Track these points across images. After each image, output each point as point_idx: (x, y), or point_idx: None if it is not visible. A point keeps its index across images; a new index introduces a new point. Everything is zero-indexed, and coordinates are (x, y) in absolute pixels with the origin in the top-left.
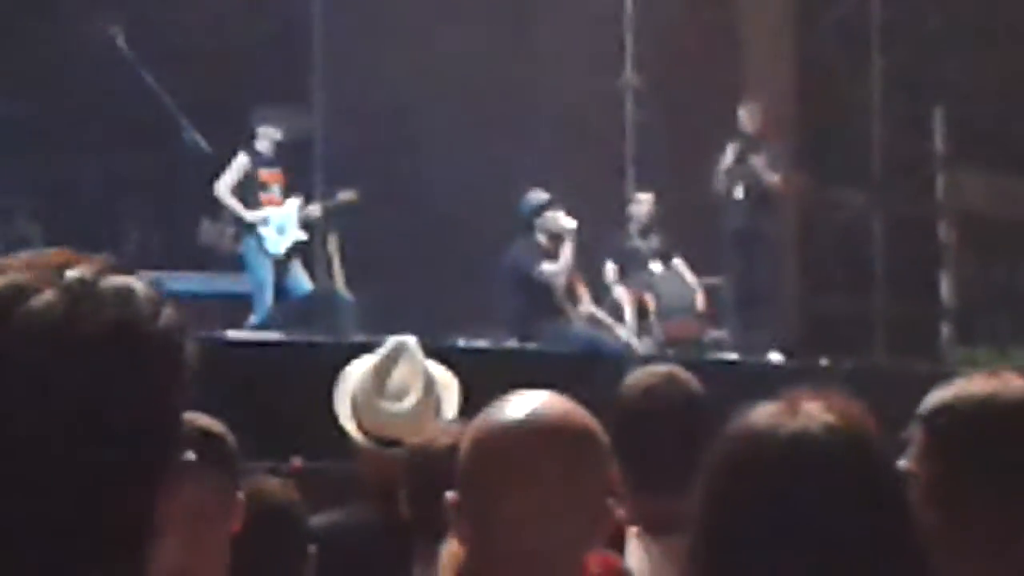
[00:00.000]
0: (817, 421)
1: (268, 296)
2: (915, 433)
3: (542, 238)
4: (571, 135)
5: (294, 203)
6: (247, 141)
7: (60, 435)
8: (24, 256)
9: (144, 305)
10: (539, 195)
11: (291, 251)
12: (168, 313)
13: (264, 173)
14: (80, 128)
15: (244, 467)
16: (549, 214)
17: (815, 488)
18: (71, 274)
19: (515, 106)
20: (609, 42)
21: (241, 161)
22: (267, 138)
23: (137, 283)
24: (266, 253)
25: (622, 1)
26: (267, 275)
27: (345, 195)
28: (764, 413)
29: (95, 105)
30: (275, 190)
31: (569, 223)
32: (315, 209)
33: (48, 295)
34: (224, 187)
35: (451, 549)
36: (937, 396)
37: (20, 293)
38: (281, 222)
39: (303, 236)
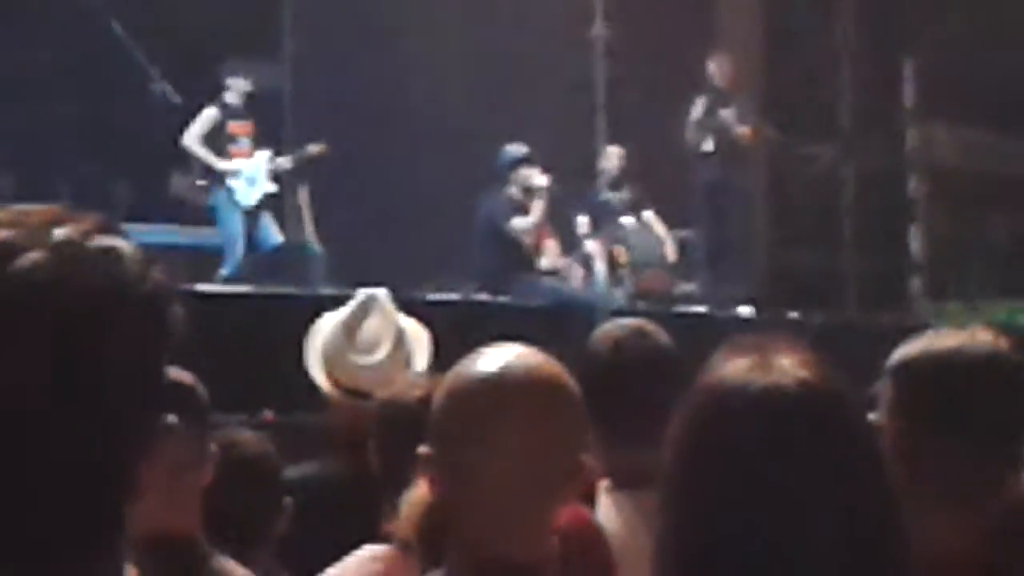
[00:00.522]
0: (789, 376)
1: (239, 248)
2: (883, 387)
3: (516, 192)
4: (542, 86)
5: (264, 155)
6: (216, 93)
7: (45, 396)
8: (14, 211)
9: (132, 266)
10: (517, 148)
11: (261, 203)
12: (155, 275)
13: (233, 125)
14: (50, 79)
15: (216, 420)
16: (523, 170)
17: (786, 443)
18: (59, 233)
19: (485, 57)
20: None
21: (210, 113)
22: (236, 90)
23: (125, 244)
24: (236, 205)
25: None
26: (237, 227)
27: (314, 148)
28: (735, 367)
29: (66, 56)
30: (244, 142)
31: (541, 180)
32: (285, 161)
33: (35, 255)
34: (192, 138)
35: (414, 497)
36: (905, 350)
37: (6, 252)
38: (251, 174)
39: (273, 188)
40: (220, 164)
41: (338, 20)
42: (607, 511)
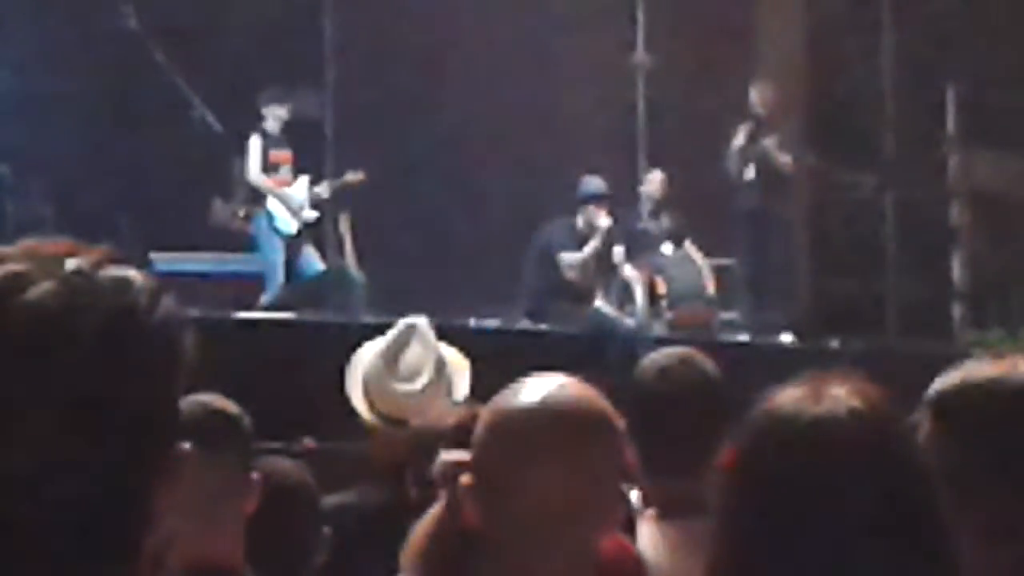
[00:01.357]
0: (842, 405)
1: (279, 276)
2: (922, 417)
3: (581, 224)
4: (584, 114)
5: (303, 183)
6: (256, 122)
7: (56, 426)
8: (27, 245)
9: (142, 296)
10: (596, 184)
11: (302, 231)
12: (166, 304)
13: (274, 154)
14: (93, 108)
15: (256, 448)
16: (591, 207)
17: (839, 472)
18: (70, 264)
19: (528, 86)
20: (622, 21)
21: (256, 143)
22: (274, 118)
23: (136, 274)
24: (277, 233)
25: None
26: (278, 255)
27: (352, 176)
28: (788, 397)
29: (108, 84)
30: (285, 171)
31: (604, 222)
32: (323, 189)
33: (46, 286)
34: (256, 173)
35: (422, 526)
36: (944, 380)
37: (18, 283)
38: (295, 201)
39: (313, 216)
40: (277, 192)
41: (380, 47)
42: (651, 540)
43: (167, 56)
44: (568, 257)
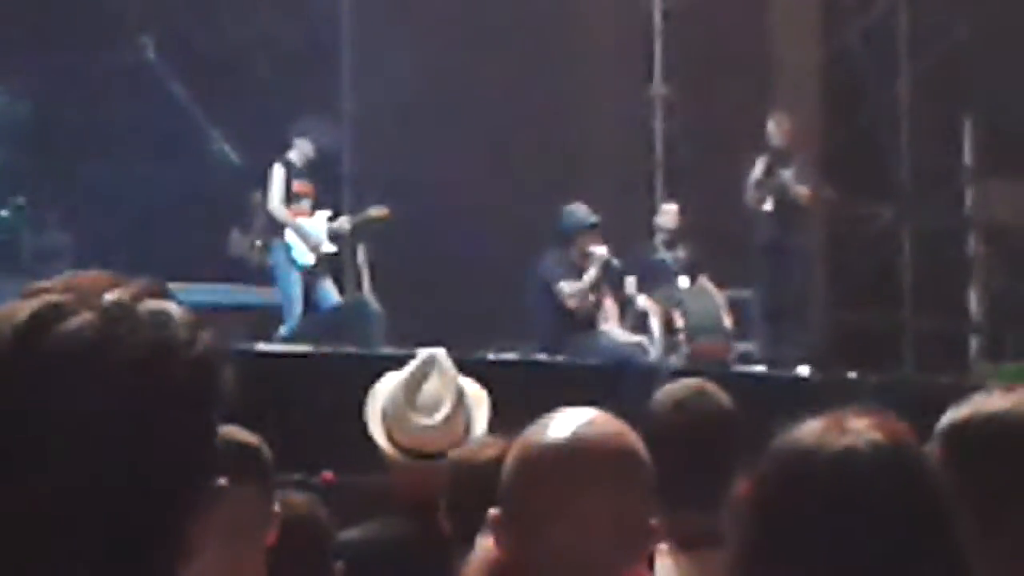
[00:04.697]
0: (864, 438)
1: (298, 308)
2: (933, 449)
3: (575, 255)
4: (601, 144)
5: (324, 216)
6: (281, 151)
7: (93, 459)
8: (66, 278)
9: (181, 329)
10: (585, 213)
11: (320, 263)
12: (205, 338)
13: (297, 185)
14: (110, 138)
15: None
16: (586, 236)
17: (861, 506)
18: (109, 297)
19: (545, 116)
20: (639, 52)
21: (280, 172)
22: (301, 150)
23: (175, 307)
24: (295, 264)
25: (652, 12)
26: (296, 287)
27: (376, 211)
28: (810, 430)
29: (124, 115)
30: (306, 203)
31: (600, 251)
32: (344, 222)
33: (85, 317)
34: (277, 204)
35: (476, 557)
36: (954, 413)
37: (57, 314)
38: (312, 234)
39: (332, 249)
40: (295, 224)
41: (397, 80)
42: (668, 573)
43: (185, 87)
44: (567, 287)
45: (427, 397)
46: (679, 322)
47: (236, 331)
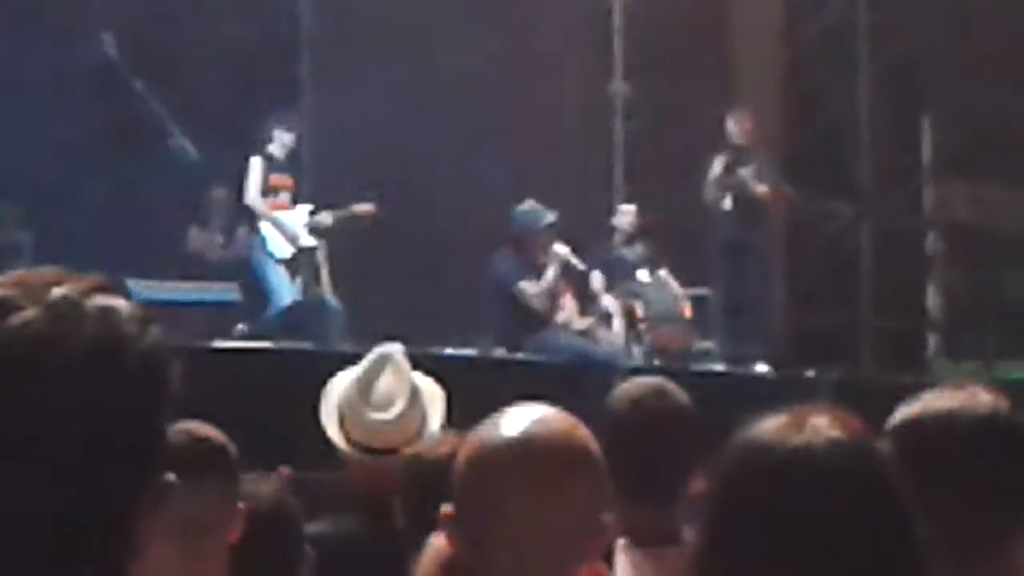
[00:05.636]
0: (821, 435)
1: (285, 296)
2: (883, 446)
3: (533, 253)
4: (560, 142)
5: (304, 209)
6: (260, 144)
7: (38, 454)
8: (16, 274)
9: (128, 324)
10: (540, 212)
11: (295, 257)
12: (154, 333)
13: (275, 178)
14: (71, 136)
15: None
16: (545, 236)
17: (818, 502)
18: (56, 291)
19: (504, 115)
20: (599, 51)
21: (258, 164)
22: (281, 143)
23: (123, 303)
24: (271, 257)
25: (611, 10)
26: (278, 275)
27: (360, 208)
28: (767, 427)
29: (86, 112)
30: (285, 196)
31: (561, 249)
32: (325, 217)
33: (31, 312)
34: (254, 196)
35: (429, 554)
36: (905, 410)
37: (2, 309)
38: (291, 227)
39: (311, 243)
40: (272, 216)
41: (357, 73)
42: (626, 570)
43: (145, 84)
44: (529, 287)
45: (381, 393)
46: (640, 313)
47: (195, 328)
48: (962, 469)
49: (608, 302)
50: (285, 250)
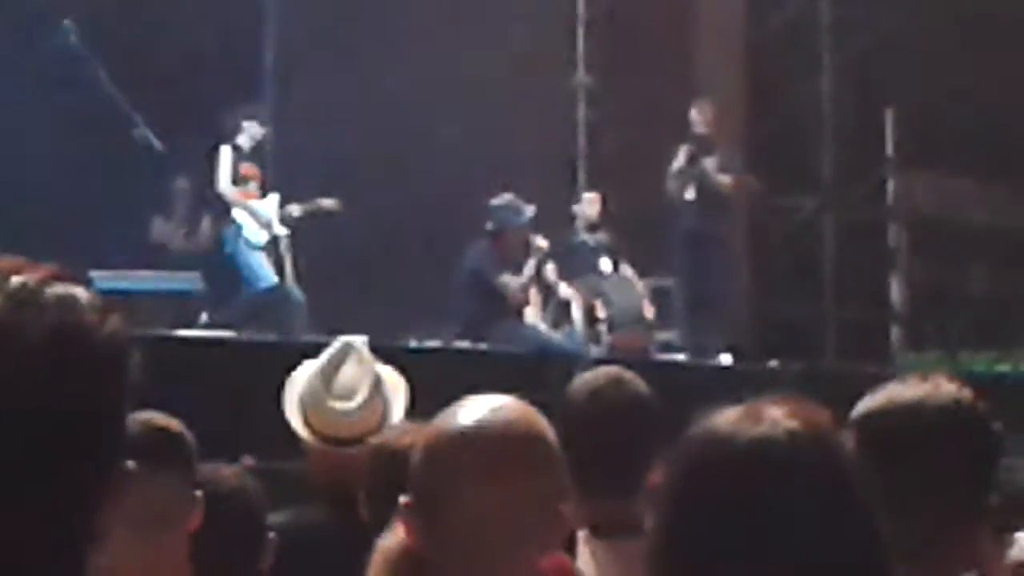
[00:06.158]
0: (780, 427)
1: (267, 278)
2: (847, 438)
3: (511, 247)
4: (523, 133)
5: (274, 199)
6: (229, 134)
7: None
8: None
9: (88, 313)
10: (519, 207)
11: (267, 245)
12: (113, 321)
13: (245, 168)
14: (31, 124)
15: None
16: (525, 231)
17: (777, 494)
18: (15, 280)
19: (466, 105)
20: (562, 42)
21: (228, 153)
22: (250, 134)
23: (82, 291)
24: (249, 244)
25: (575, 2)
26: (254, 258)
27: (327, 202)
28: (726, 418)
29: (48, 101)
30: (253, 186)
31: (541, 243)
32: (294, 209)
33: None
34: (226, 185)
35: (385, 544)
36: (868, 401)
37: None
38: (264, 215)
39: (283, 232)
40: (245, 204)
41: (320, 66)
42: (586, 560)
43: (108, 73)
44: (511, 280)
45: (343, 383)
46: (601, 313)
47: (158, 318)
48: (926, 459)
49: (567, 292)
50: (261, 236)
